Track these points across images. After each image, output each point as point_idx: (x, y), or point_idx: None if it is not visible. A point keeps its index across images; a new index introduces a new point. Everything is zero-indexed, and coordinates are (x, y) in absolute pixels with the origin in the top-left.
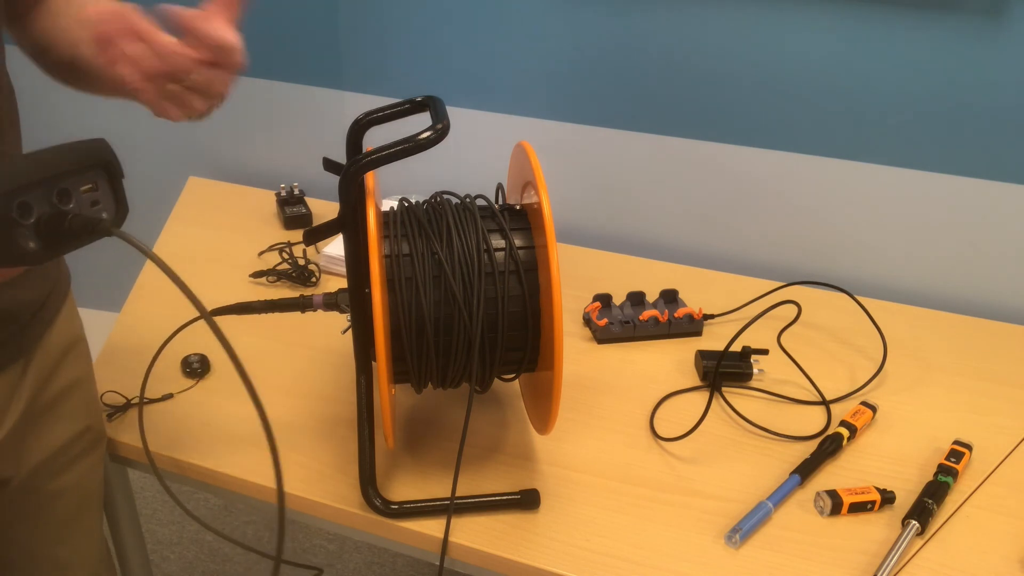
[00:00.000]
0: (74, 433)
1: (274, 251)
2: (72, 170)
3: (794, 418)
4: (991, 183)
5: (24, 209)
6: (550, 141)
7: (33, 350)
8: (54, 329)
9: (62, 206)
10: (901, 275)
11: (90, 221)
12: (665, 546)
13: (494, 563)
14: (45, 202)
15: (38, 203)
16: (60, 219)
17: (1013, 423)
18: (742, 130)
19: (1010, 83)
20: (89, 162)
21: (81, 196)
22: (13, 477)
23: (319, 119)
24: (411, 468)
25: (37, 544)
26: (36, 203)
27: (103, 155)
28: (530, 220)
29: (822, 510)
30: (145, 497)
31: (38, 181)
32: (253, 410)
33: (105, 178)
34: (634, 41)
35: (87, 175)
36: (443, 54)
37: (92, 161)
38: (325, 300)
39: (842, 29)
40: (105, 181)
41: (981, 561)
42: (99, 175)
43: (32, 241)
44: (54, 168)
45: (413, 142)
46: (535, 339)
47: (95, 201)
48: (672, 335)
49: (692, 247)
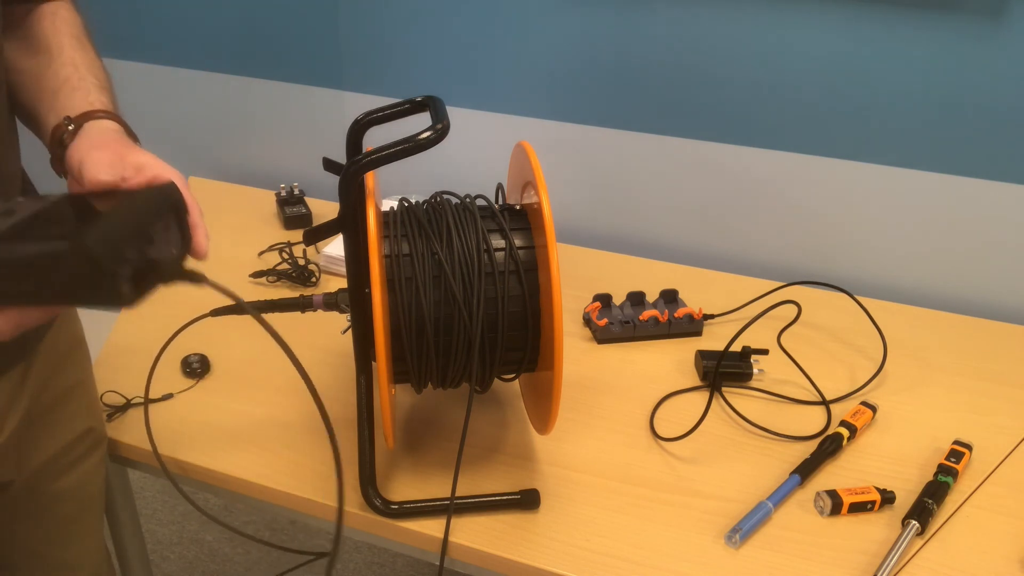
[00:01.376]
0: (75, 435)
1: (274, 251)
2: (155, 218)
3: (794, 418)
4: (991, 183)
5: (124, 261)
6: (550, 141)
7: (34, 353)
8: (55, 331)
9: (148, 250)
10: (901, 275)
11: (183, 272)
12: (665, 546)
13: (494, 563)
14: (136, 251)
15: (132, 253)
16: (153, 267)
17: (1013, 423)
18: (742, 130)
19: (1010, 83)
20: (166, 206)
21: (159, 237)
22: (15, 479)
23: (319, 119)
24: (411, 468)
25: (38, 545)
26: (131, 253)
27: (175, 198)
28: (530, 220)
29: (822, 510)
30: (145, 497)
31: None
32: (253, 410)
33: (174, 217)
34: (634, 41)
35: (163, 218)
36: (443, 54)
37: (168, 205)
38: (325, 300)
39: (842, 29)
40: (174, 220)
41: (981, 561)
42: (170, 216)
43: (126, 286)
44: (143, 220)
45: (413, 142)
46: (535, 339)
47: (168, 240)
48: (672, 335)
49: (692, 247)
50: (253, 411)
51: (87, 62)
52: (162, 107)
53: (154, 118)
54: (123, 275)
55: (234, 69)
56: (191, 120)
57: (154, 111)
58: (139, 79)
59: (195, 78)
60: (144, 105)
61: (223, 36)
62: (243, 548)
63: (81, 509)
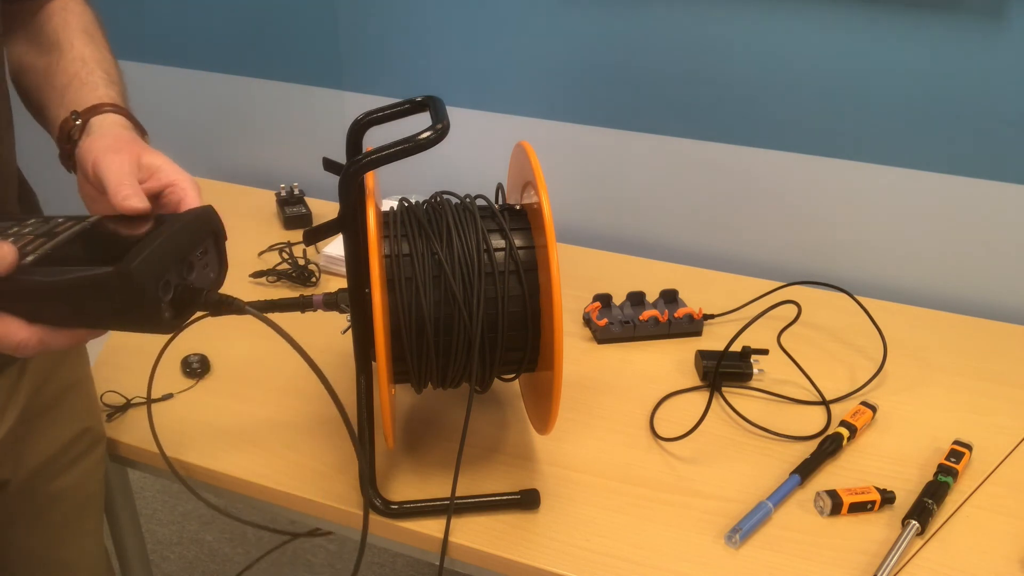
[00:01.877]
0: (73, 434)
1: (274, 251)
2: (196, 244)
3: (794, 418)
4: (991, 183)
5: (165, 287)
6: (550, 141)
7: None
8: None
9: (188, 276)
10: (901, 275)
11: (223, 299)
12: (665, 546)
13: (494, 563)
14: (178, 276)
15: (173, 278)
16: (195, 295)
17: (1013, 423)
18: (742, 130)
19: (1010, 83)
20: (206, 232)
21: (198, 262)
22: (12, 479)
23: (319, 119)
24: (411, 468)
25: (36, 546)
26: (172, 279)
27: (215, 223)
28: (530, 220)
29: (822, 510)
30: (145, 497)
31: (174, 261)
32: (253, 410)
33: (213, 242)
34: (634, 41)
35: (202, 243)
36: (443, 54)
37: (208, 230)
38: (325, 300)
39: (842, 29)
40: (212, 244)
41: (981, 561)
42: (209, 240)
43: (168, 312)
44: (185, 247)
45: (413, 142)
46: (535, 339)
47: (206, 264)
48: (672, 335)
49: (692, 247)
50: (253, 411)
51: (96, 57)
52: (163, 107)
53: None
54: (165, 301)
55: (234, 69)
56: (191, 120)
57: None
58: (139, 79)
59: (195, 78)
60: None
61: (223, 36)
62: (243, 548)
63: (79, 509)
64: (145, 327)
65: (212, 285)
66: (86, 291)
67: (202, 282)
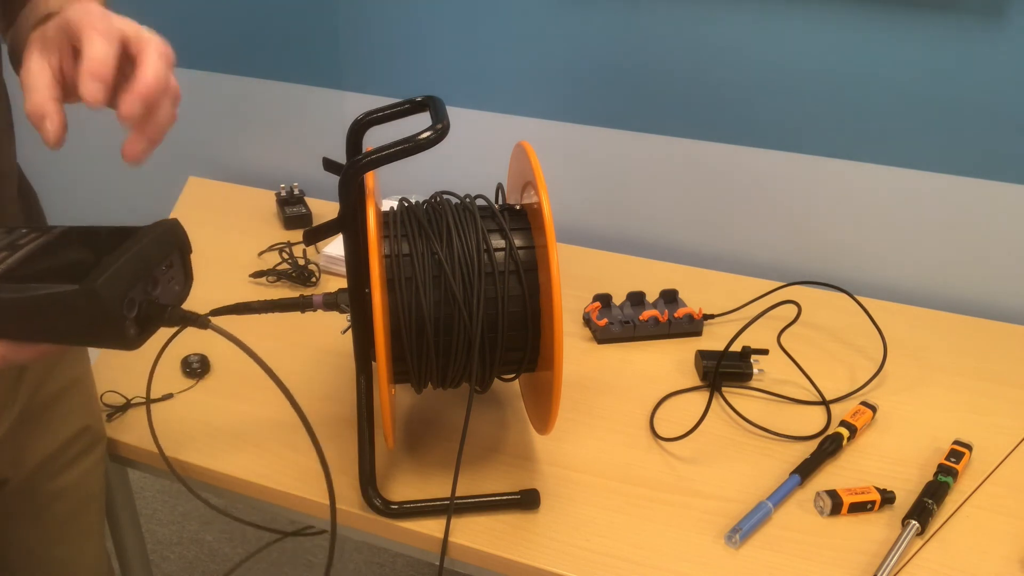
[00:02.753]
0: (72, 433)
1: (274, 251)
2: (161, 259)
3: (794, 418)
4: (991, 183)
5: (130, 305)
6: (550, 141)
7: None
8: None
9: (152, 292)
10: (901, 275)
11: (187, 316)
12: (665, 546)
13: (494, 563)
14: (142, 293)
15: (138, 296)
16: (159, 311)
17: (1013, 423)
18: (742, 130)
19: (1010, 83)
20: (171, 246)
21: (163, 276)
22: (11, 478)
23: (319, 119)
24: (411, 468)
25: (36, 544)
26: (137, 296)
27: (180, 237)
28: (530, 220)
29: (822, 510)
30: (145, 497)
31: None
32: (253, 410)
33: (178, 255)
34: (634, 41)
35: (168, 258)
36: (443, 54)
37: (173, 245)
38: (325, 300)
39: (841, 29)
40: (178, 258)
41: (981, 561)
42: (175, 254)
43: (133, 329)
44: (150, 263)
45: (413, 142)
46: (535, 339)
47: (171, 278)
48: (672, 335)
49: (692, 247)
50: (253, 411)
51: None
52: None
53: None
54: (130, 318)
55: (234, 69)
56: (191, 120)
57: None
58: None
59: (195, 78)
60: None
61: (223, 36)
62: (243, 548)
63: (79, 508)
64: (109, 344)
65: (176, 300)
66: (50, 308)
67: (167, 297)
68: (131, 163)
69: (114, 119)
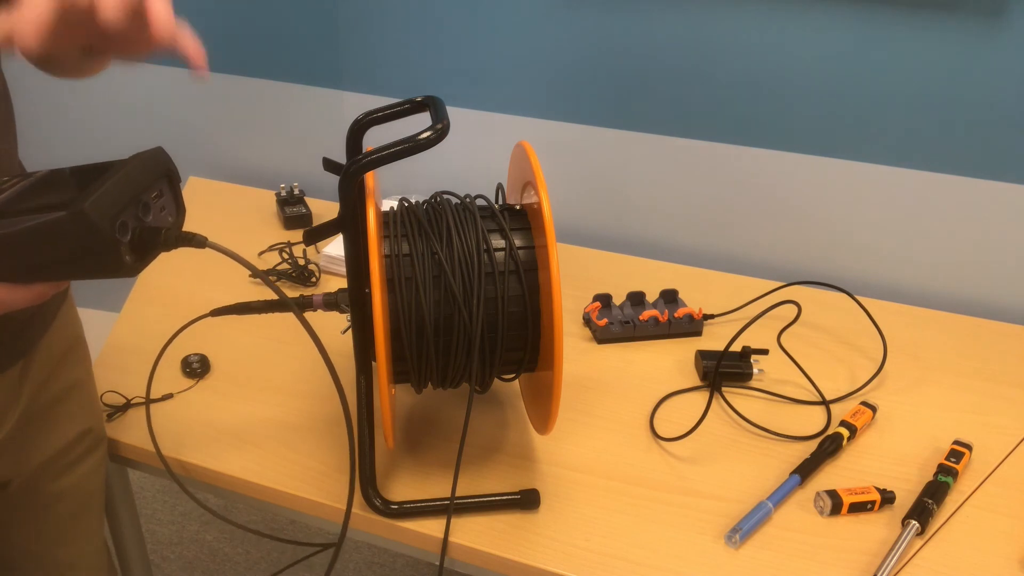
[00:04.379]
0: (74, 435)
1: (274, 251)
2: (149, 184)
3: (794, 418)
4: (991, 183)
5: (123, 228)
6: (550, 141)
7: (32, 351)
8: (53, 330)
9: (144, 218)
10: (901, 275)
11: (184, 236)
12: (665, 546)
13: (494, 563)
14: (135, 218)
15: (131, 220)
16: (154, 234)
17: (1013, 423)
18: (742, 130)
19: (1010, 83)
20: (158, 173)
21: (154, 204)
22: (13, 479)
23: (319, 119)
24: (411, 468)
25: (37, 546)
26: (130, 220)
27: (166, 164)
28: (530, 220)
29: (822, 510)
30: (145, 497)
31: (128, 201)
32: (253, 410)
33: (167, 184)
34: (634, 41)
35: (156, 184)
36: (443, 54)
37: (160, 171)
38: (325, 300)
39: (842, 29)
40: (167, 186)
41: (981, 561)
42: (163, 182)
43: (128, 255)
44: (138, 186)
45: (413, 142)
46: (535, 339)
47: (163, 207)
48: (672, 335)
49: (692, 247)
50: (253, 411)
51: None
52: (162, 107)
53: (154, 118)
54: (124, 243)
55: (234, 69)
56: (191, 120)
57: (155, 110)
58: (139, 79)
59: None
60: (144, 105)
61: (223, 36)
62: (243, 548)
63: (80, 509)
64: (106, 271)
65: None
66: (41, 239)
67: (160, 224)
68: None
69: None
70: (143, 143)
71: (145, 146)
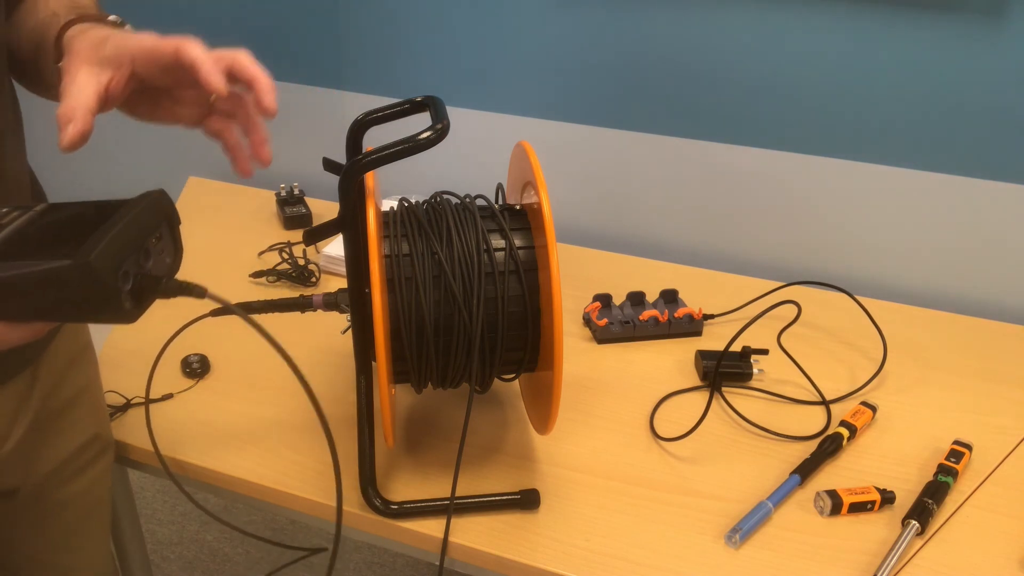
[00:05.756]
0: (82, 442)
1: (274, 251)
2: (152, 230)
3: (794, 418)
4: (991, 183)
5: (124, 278)
6: (550, 141)
7: (40, 358)
8: (61, 337)
9: (145, 264)
10: (901, 275)
11: (183, 286)
12: (665, 546)
13: (494, 563)
14: (136, 265)
15: (132, 268)
16: (153, 283)
17: (1013, 423)
18: (742, 130)
19: (1010, 83)
20: (160, 219)
21: (154, 249)
22: (22, 487)
23: (319, 119)
24: (411, 468)
25: (43, 552)
26: (131, 269)
27: (168, 209)
28: (530, 220)
29: (822, 510)
30: (145, 497)
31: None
32: (253, 410)
33: (167, 227)
34: (634, 41)
35: (158, 229)
36: (443, 54)
37: (161, 216)
38: (325, 300)
39: (842, 29)
40: (167, 230)
41: (981, 561)
42: (164, 226)
43: (128, 302)
44: (142, 236)
45: (413, 142)
46: (535, 339)
47: (161, 250)
48: (672, 335)
49: (692, 247)
50: (253, 411)
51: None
52: None
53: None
54: (125, 291)
55: None
56: None
57: None
58: None
59: None
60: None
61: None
62: (243, 548)
63: (87, 516)
64: (106, 318)
65: (168, 272)
66: (43, 285)
67: (159, 269)
68: None
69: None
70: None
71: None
